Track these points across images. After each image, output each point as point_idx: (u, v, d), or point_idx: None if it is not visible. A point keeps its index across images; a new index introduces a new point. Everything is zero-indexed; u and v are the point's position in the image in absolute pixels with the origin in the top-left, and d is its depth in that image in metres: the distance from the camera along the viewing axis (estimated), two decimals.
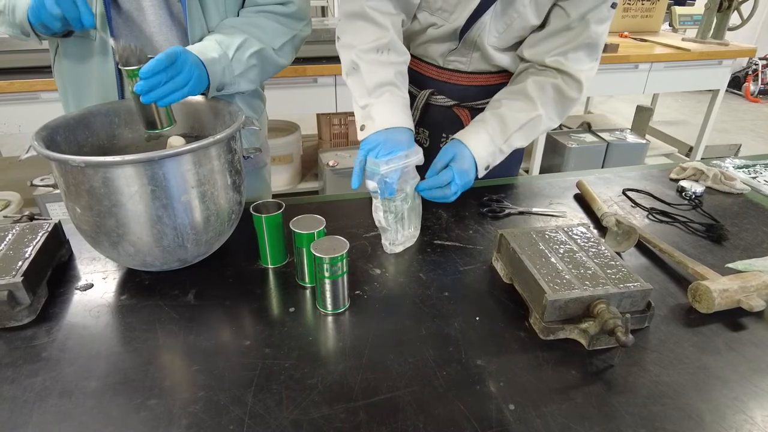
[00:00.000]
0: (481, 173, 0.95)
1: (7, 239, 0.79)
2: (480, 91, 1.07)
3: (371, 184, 0.85)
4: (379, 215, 0.87)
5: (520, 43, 1.00)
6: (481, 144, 0.93)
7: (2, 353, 0.67)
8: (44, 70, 1.96)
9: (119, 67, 0.76)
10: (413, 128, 0.92)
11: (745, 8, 2.94)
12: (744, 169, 1.24)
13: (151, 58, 0.75)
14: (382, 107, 0.88)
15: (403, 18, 0.98)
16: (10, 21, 0.86)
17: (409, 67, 1.09)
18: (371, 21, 0.91)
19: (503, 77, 1.07)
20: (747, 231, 0.98)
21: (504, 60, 1.02)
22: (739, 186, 1.13)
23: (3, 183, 2.33)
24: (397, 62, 0.93)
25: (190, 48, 0.85)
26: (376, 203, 0.87)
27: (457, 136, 0.96)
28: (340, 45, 0.96)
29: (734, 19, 2.96)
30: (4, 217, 1.70)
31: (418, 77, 1.10)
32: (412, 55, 1.08)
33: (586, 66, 0.96)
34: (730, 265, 0.85)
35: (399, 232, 0.89)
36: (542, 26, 0.96)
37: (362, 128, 0.89)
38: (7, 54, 1.93)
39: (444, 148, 0.94)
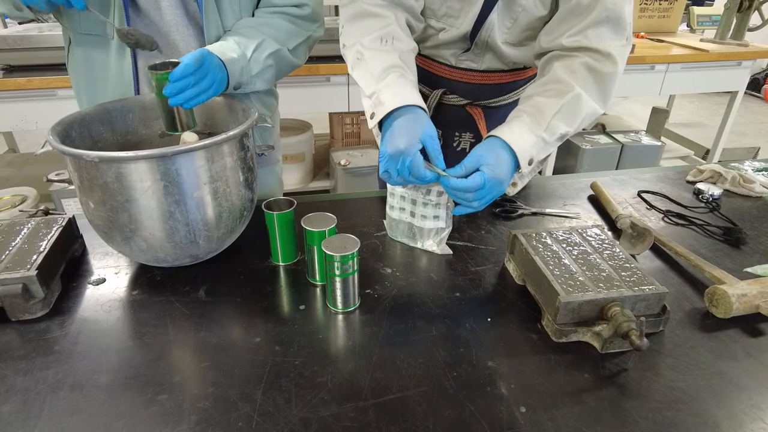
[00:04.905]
0: (525, 168, 0.83)
1: (22, 233, 0.80)
2: (493, 90, 1.06)
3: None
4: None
5: (532, 37, 0.99)
6: (518, 135, 0.82)
7: (16, 345, 0.68)
8: (61, 68, 1.98)
9: (148, 68, 0.78)
10: (425, 107, 0.86)
11: (767, 8, 2.88)
12: (763, 172, 1.22)
13: (175, 62, 0.78)
14: (390, 89, 0.84)
15: (407, 17, 0.94)
16: None
17: (420, 67, 1.08)
18: (372, 15, 0.90)
19: (516, 75, 1.06)
20: (766, 235, 0.96)
21: (518, 56, 1.00)
22: (758, 189, 1.11)
23: (20, 179, 2.37)
24: (402, 50, 0.90)
25: (210, 48, 0.86)
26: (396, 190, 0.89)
27: (492, 132, 0.85)
28: (345, 48, 0.94)
29: (755, 19, 2.91)
30: (20, 211, 1.73)
31: (430, 77, 1.09)
32: (423, 56, 1.08)
33: (613, 42, 0.85)
34: (748, 270, 0.84)
35: (402, 215, 0.89)
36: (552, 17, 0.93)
37: (372, 116, 0.85)
38: (25, 51, 1.96)
39: (475, 148, 0.83)
